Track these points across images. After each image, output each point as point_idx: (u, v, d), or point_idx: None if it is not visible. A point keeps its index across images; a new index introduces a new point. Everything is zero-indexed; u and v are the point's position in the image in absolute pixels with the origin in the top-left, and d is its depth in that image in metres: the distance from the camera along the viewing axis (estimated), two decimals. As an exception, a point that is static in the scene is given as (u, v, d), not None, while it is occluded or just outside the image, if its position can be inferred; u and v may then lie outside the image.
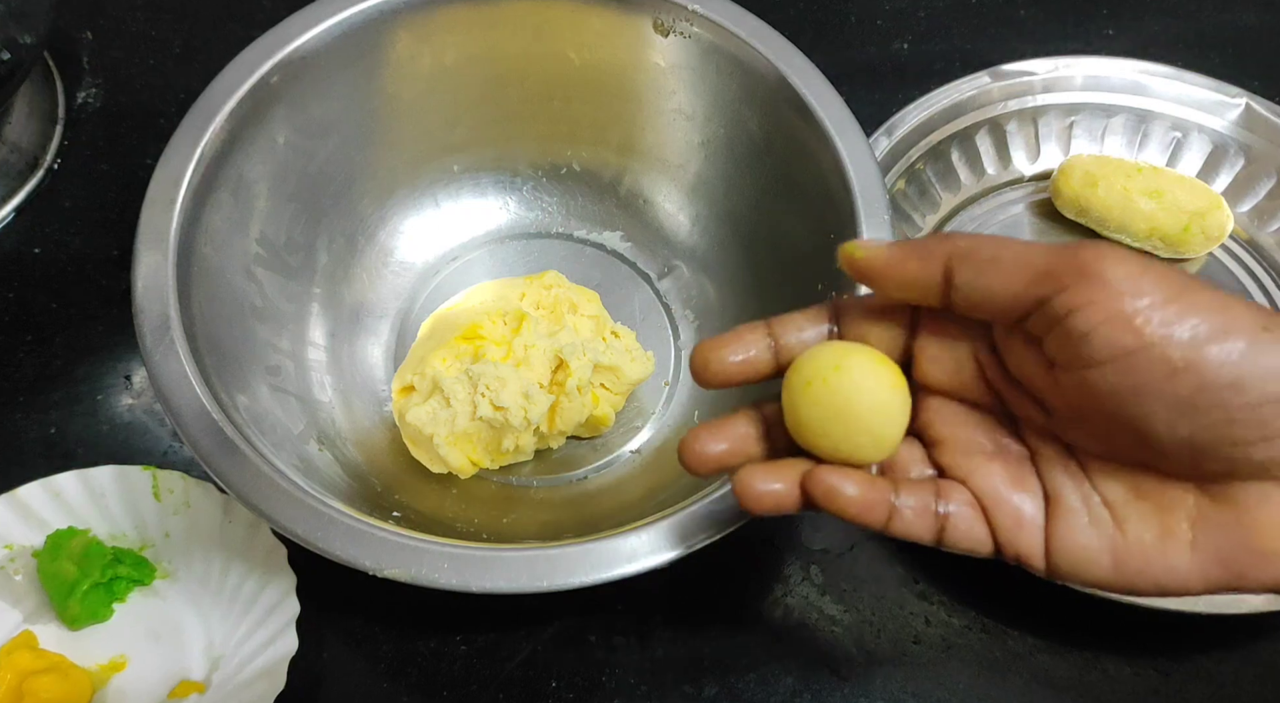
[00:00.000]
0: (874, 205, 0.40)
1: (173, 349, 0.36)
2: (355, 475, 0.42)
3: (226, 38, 0.53)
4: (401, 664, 0.43)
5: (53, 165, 0.56)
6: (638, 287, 0.51)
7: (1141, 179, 0.52)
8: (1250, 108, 0.55)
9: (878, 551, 0.46)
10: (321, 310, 0.47)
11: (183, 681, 0.41)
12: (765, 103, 0.44)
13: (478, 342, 0.44)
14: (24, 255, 0.53)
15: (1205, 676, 0.44)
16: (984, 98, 0.56)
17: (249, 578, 0.42)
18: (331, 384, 0.46)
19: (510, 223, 0.53)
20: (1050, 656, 0.44)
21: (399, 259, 0.51)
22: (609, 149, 0.51)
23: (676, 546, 0.34)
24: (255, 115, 0.42)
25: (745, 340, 0.30)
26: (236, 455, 0.34)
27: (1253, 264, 0.54)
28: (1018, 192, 0.56)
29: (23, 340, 0.50)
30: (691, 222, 0.51)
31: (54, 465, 0.43)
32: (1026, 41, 0.64)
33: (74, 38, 0.60)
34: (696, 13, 0.44)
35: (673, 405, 0.48)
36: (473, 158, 0.51)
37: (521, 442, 0.44)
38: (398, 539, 0.33)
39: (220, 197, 0.41)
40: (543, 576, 0.33)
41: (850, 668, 0.44)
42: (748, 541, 0.46)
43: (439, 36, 0.46)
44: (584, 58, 0.47)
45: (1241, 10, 0.66)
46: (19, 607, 0.42)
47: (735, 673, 0.43)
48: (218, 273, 0.41)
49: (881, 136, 0.53)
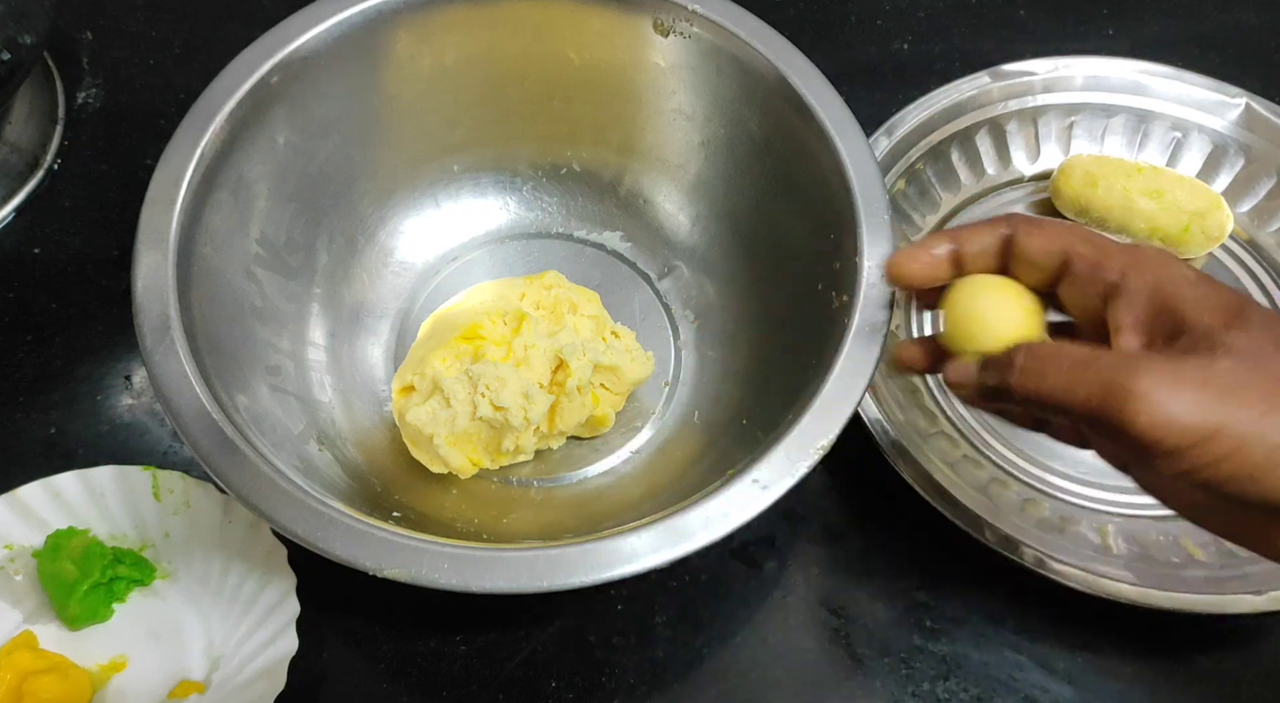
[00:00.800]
0: (874, 205, 0.40)
1: (173, 349, 0.36)
2: (355, 475, 0.42)
3: (226, 38, 0.53)
4: (401, 664, 0.43)
5: (53, 165, 0.56)
6: (638, 287, 0.51)
7: (1141, 179, 0.52)
8: (1250, 108, 0.55)
9: (878, 553, 0.46)
10: (321, 310, 0.47)
11: (183, 681, 0.41)
12: (765, 103, 0.44)
13: (478, 342, 0.44)
14: (24, 255, 0.53)
15: (1205, 676, 0.44)
16: (984, 98, 0.56)
17: (249, 578, 0.42)
18: (331, 384, 0.46)
19: (510, 223, 0.53)
20: (1051, 657, 0.44)
21: (399, 259, 0.51)
22: (609, 149, 0.51)
23: (676, 545, 0.34)
24: (255, 115, 0.42)
25: (932, 249, 0.34)
26: (236, 455, 0.34)
27: (1253, 264, 0.54)
28: (1018, 192, 0.56)
29: (23, 340, 0.50)
30: (691, 222, 0.51)
31: (54, 465, 0.43)
32: (1026, 41, 0.64)
33: (74, 38, 0.60)
34: (696, 13, 0.44)
35: (673, 405, 0.48)
36: (473, 158, 0.51)
37: (521, 442, 0.44)
38: (398, 539, 0.33)
39: (220, 197, 0.41)
40: (543, 576, 0.33)
41: (851, 669, 0.44)
42: (747, 541, 0.46)
43: (439, 36, 0.46)
44: (584, 58, 0.47)
45: (1241, 10, 0.66)
46: (19, 607, 0.42)
47: (735, 673, 0.43)
48: (218, 273, 0.41)
49: (881, 136, 0.53)
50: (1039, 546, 0.43)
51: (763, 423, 0.41)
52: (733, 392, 0.46)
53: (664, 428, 0.47)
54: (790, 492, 0.34)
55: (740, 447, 0.41)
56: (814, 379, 0.37)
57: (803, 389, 0.37)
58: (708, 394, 0.48)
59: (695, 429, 0.46)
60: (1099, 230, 0.54)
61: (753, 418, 0.43)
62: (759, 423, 0.41)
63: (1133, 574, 0.42)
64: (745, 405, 0.44)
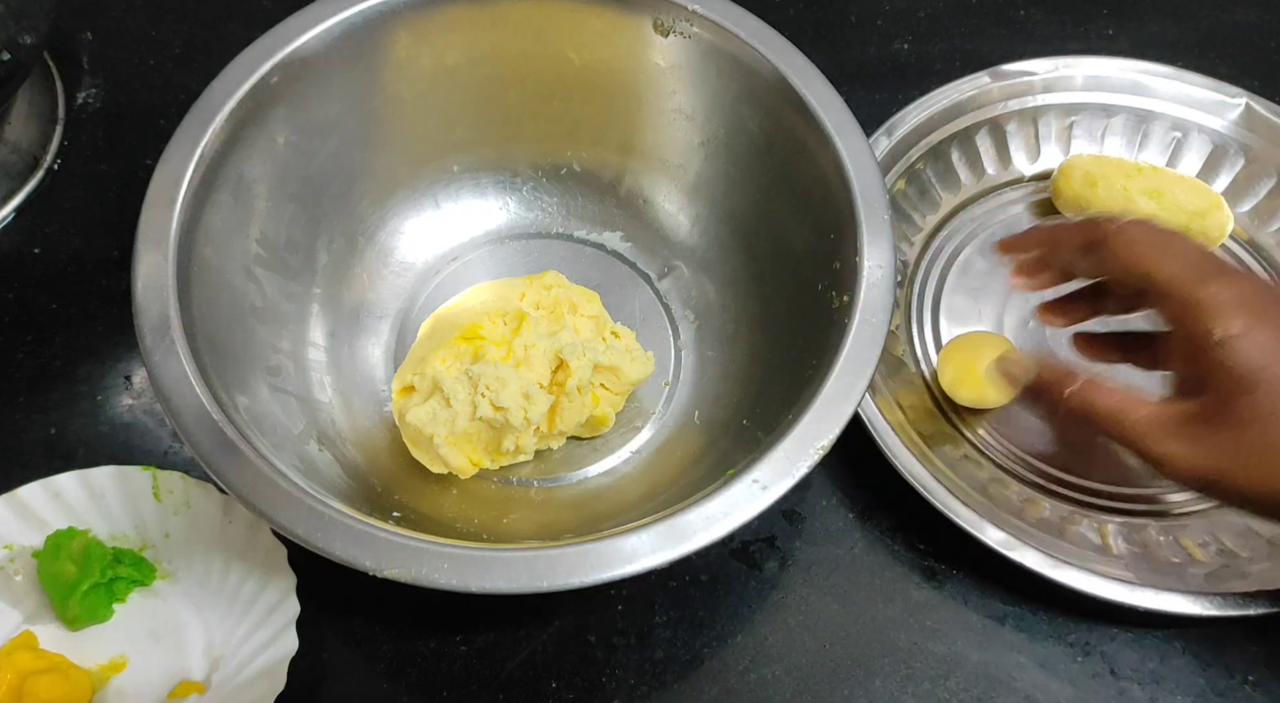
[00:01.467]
0: (874, 205, 0.40)
1: (173, 349, 0.36)
2: (355, 476, 0.42)
3: (226, 38, 0.53)
4: (401, 664, 0.43)
5: (53, 165, 0.56)
6: (638, 287, 0.51)
7: (1141, 179, 0.52)
8: (1250, 108, 0.55)
9: (878, 553, 0.46)
10: (321, 311, 0.47)
11: (183, 681, 0.41)
12: (765, 103, 0.44)
13: (478, 342, 0.44)
14: (24, 255, 0.53)
15: (1205, 676, 0.44)
16: (984, 98, 0.56)
17: (249, 578, 0.42)
18: (331, 384, 0.46)
19: (510, 223, 0.53)
20: (1051, 657, 0.44)
21: (399, 259, 0.51)
22: (609, 149, 0.51)
23: (676, 545, 0.34)
24: (255, 115, 0.42)
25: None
26: (236, 456, 0.34)
27: (1253, 264, 0.54)
28: (1018, 191, 0.56)
29: (23, 340, 0.50)
30: (691, 222, 0.51)
31: (54, 466, 0.43)
32: (1026, 41, 0.64)
33: (74, 38, 0.60)
34: (696, 13, 0.44)
35: (673, 405, 0.48)
36: (473, 158, 0.51)
37: (522, 442, 0.44)
38: (398, 539, 0.33)
39: (220, 197, 0.41)
40: (543, 576, 0.33)
41: (851, 669, 0.44)
42: (747, 541, 0.46)
43: (439, 36, 0.46)
44: (584, 58, 0.47)
45: (1241, 10, 0.66)
46: (19, 607, 0.42)
47: (735, 674, 0.43)
48: (218, 273, 0.41)
49: (881, 136, 0.53)
50: (1039, 546, 0.43)
51: (763, 423, 0.41)
52: (733, 392, 0.46)
53: (664, 428, 0.47)
54: (790, 492, 0.34)
55: (740, 447, 0.41)
56: (814, 379, 0.37)
57: (803, 389, 0.37)
58: (708, 394, 0.48)
59: (695, 429, 0.46)
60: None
61: (753, 418, 0.43)
62: (759, 423, 0.42)
63: (1133, 574, 0.42)
64: (745, 405, 0.44)
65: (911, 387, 0.50)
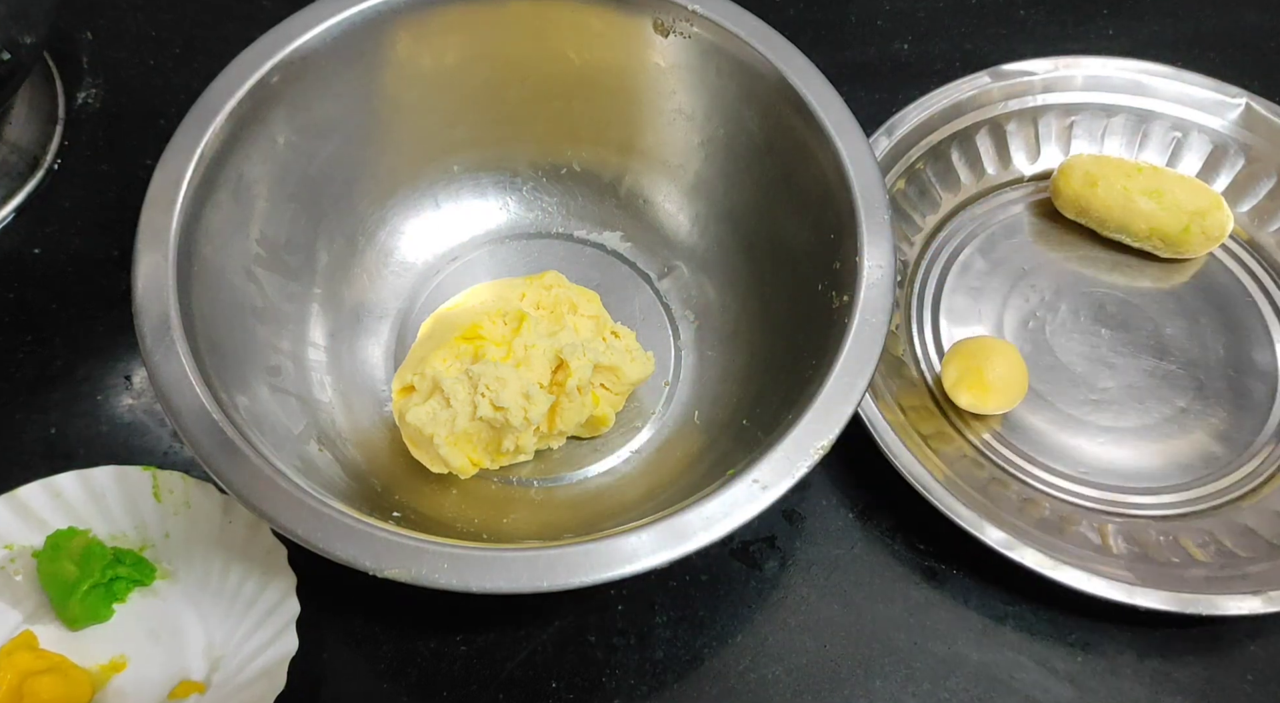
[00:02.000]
0: (874, 205, 0.40)
1: (173, 349, 0.36)
2: (355, 476, 0.42)
3: (226, 38, 0.53)
4: (401, 664, 0.43)
5: (53, 165, 0.56)
6: (638, 287, 0.51)
7: (1141, 179, 0.52)
8: (1250, 108, 0.55)
9: (878, 553, 0.46)
10: (321, 311, 0.47)
11: (183, 681, 0.41)
12: (765, 103, 0.44)
13: (478, 342, 0.44)
14: (24, 255, 0.53)
15: (1205, 676, 0.44)
16: (984, 98, 0.56)
17: (249, 578, 0.42)
18: (331, 384, 0.46)
19: (510, 223, 0.53)
20: (1051, 657, 0.44)
21: (399, 259, 0.51)
22: (609, 149, 0.51)
23: (676, 546, 0.34)
24: (255, 115, 0.42)
25: None
26: (236, 456, 0.34)
27: (1253, 264, 0.54)
28: (1018, 191, 0.56)
29: (23, 340, 0.50)
30: (691, 222, 0.51)
31: (54, 466, 0.43)
32: (1026, 41, 0.64)
33: (74, 38, 0.60)
34: (696, 13, 0.44)
35: (673, 405, 0.48)
36: (473, 158, 0.51)
37: (522, 442, 0.44)
38: (398, 539, 0.33)
39: (220, 197, 0.41)
40: (543, 576, 0.33)
41: (851, 669, 0.44)
42: (747, 541, 0.46)
43: (439, 37, 0.46)
44: (584, 58, 0.47)
45: (1241, 10, 0.66)
46: (19, 607, 0.42)
47: (735, 674, 0.43)
48: (218, 273, 0.41)
49: (881, 136, 0.53)
50: (1039, 546, 0.43)
51: (763, 423, 0.41)
52: (733, 392, 0.46)
53: (664, 428, 0.47)
54: (790, 492, 0.34)
55: (740, 447, 0.41)
56: (814, 379, 0.37)
57: (803, 389, 0.37)
58: (708, 394, 0.48)
59: (695, 429, 0.46)
60: (1099, 230, 0.54)
61: (753, 418, 0.43)
62: (759, 423, 0.42)
63: (1133, 574, 0.42)
64: (745, 405, 0.44)
65: (911, 387, 0.50)
